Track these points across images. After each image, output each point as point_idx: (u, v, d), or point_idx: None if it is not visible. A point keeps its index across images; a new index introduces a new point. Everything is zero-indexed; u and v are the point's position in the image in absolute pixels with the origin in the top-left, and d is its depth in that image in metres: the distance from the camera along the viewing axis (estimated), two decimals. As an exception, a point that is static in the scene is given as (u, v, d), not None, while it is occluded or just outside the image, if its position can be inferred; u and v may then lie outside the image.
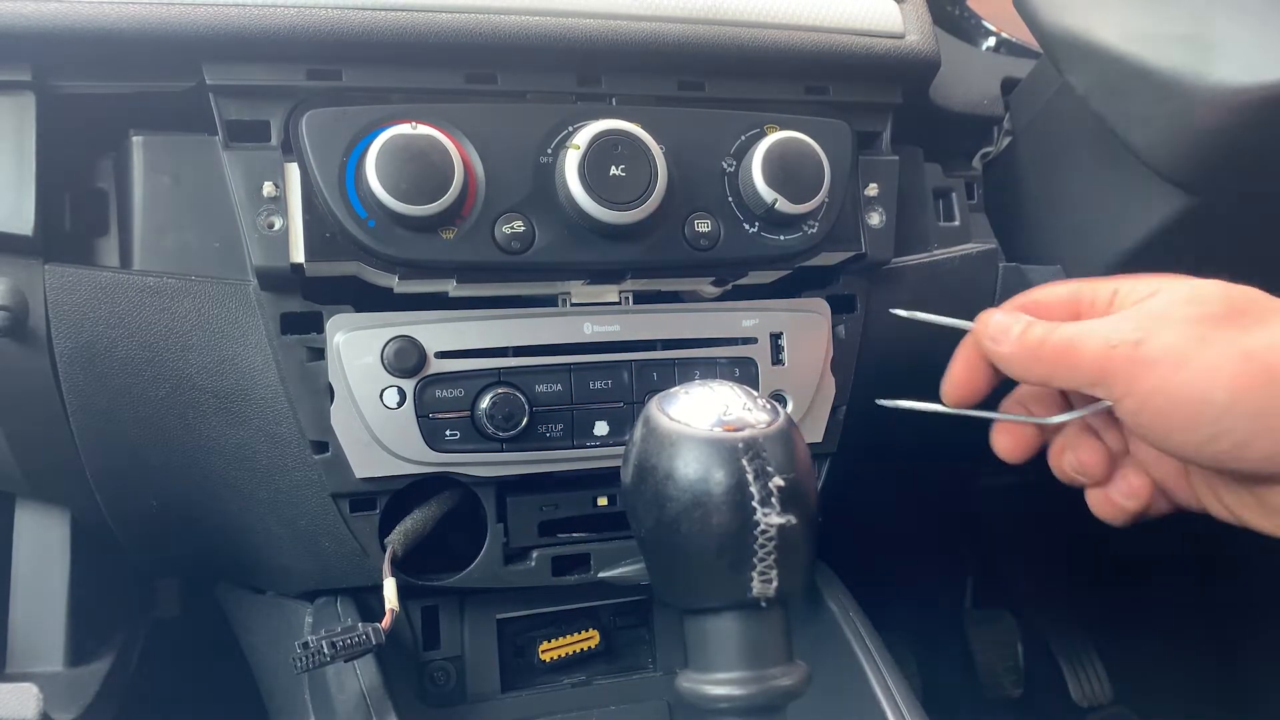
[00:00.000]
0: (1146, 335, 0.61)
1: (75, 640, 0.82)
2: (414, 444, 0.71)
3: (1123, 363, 0.61)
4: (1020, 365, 0.67)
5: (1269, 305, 0.62)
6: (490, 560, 0.77)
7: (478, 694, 0.83)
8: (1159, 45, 0.74)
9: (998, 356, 0.68)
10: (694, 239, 0.72)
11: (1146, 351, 0.61)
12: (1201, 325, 0.61)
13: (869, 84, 0.80)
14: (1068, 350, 0.64)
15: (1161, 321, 0.62)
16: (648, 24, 0.73)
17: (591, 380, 0.74)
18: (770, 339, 0.78)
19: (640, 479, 0.60)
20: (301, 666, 0.65)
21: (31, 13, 0.64)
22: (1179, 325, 0.61)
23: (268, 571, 0.80)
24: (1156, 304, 0.63)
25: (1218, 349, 0.60)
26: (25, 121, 0.66)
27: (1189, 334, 0.60)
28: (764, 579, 0.58)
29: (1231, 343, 0.59)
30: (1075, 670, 1.40)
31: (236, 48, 0.67)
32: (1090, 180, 0.86)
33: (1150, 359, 0.61)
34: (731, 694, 0.58)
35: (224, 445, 0.72)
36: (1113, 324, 0.64)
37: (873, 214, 0.80)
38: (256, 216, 0.67)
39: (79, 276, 0.68)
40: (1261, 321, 0.60)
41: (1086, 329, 0.64)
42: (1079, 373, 0.64)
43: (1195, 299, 0.62)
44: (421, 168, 0.65)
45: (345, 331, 0.70)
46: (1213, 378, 0.59)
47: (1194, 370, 0.60)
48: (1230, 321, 0.61)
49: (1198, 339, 0.60)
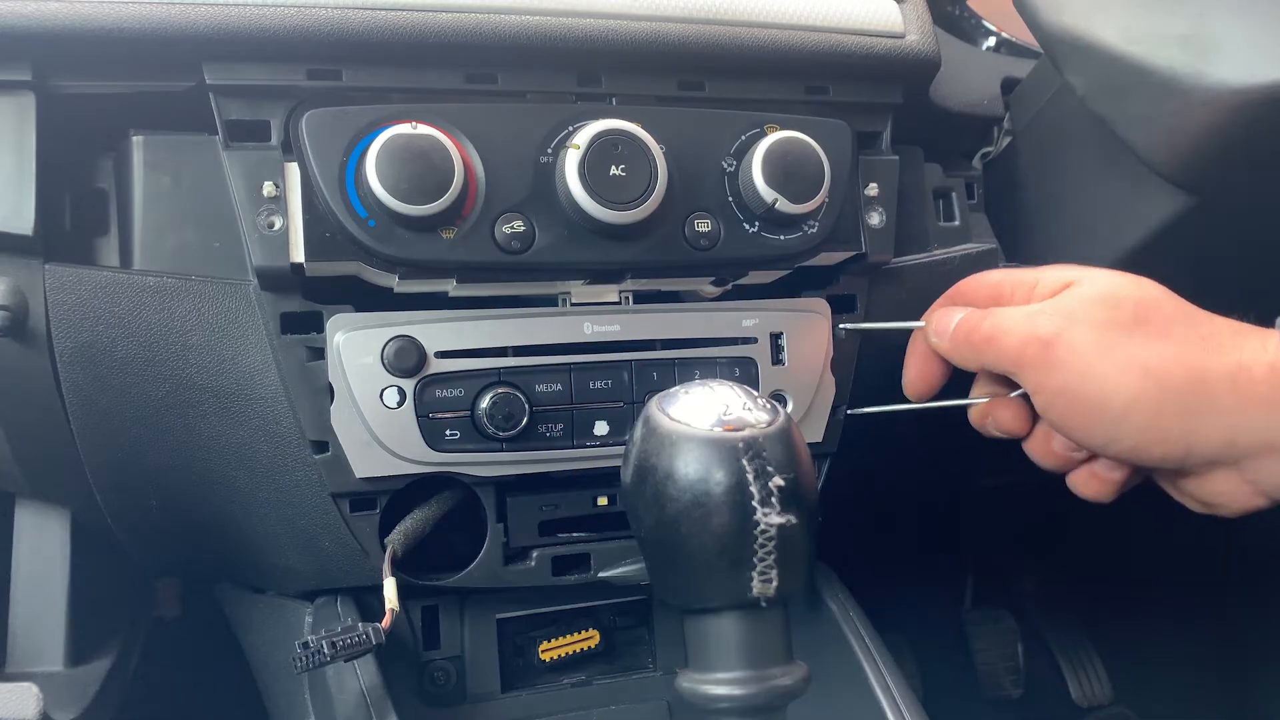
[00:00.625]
0: (1057, 335, 0.65)
1: (75, 640, 0.82)
2: (414, 444, 0.71)
3: (1034, 360, 0.66)
4: (958, 355, 0.73)
5: (1174, 312, 0.66)
6: (490, 560, 0.77)
7: (478, 694, 0.83)
8: (1158, 45, 0.74)
9: (940, 350, 0.74)
10: (694, 239, 0.72)
11: (1055, 353, 0.65)
12: (1108, 332, 0.64)
13: (869, 84, 0.80)
14: (992, 339, 0.69)
15: (1073, 322, 0.65)
16: (648, 24, 0.73)
17: (591, 380, 0.74)
18: (770, 339, 0.78)
19: (640, 479, 0.60)
20: (301, 666, 0.65)
21: (32, 12, 0.64)
22: (1088, 329, 0.65)
23: (268, 571, 0.80)
24: (1071, 300, 0.67)
25: (1119, 360, 0.64)
26: (25, 121, 0.66)
27: (1096, 341, 0.64)
28: (764, 579, 0.58)
29: (1132, 356, 0.63)
30: (1075, 670, 1.40)
31: (237, 47, 0.67)
32: (1090, 180, 0.86)
33: (1058, 360, 0.65)
34: (731, 694, 0.58)
35: (224, 445, 0.72)
36: (1031, 318, 0.68)
37: (873, 214, 0.80)
38: (256, 216, 0.67)
39: (79, 276, 0.68)
40: (1163, 333, 0.64)
41: (1009, 322, 0.69)
42: (1000, 361, 0.69)
43: (1107, 301, 0.66)
44: (421, 168, 0.65)
45: (345, 331, 0.70)
46: (1112, 388, 0.64)
47: (1095, 379, 0.64)
48: (1135, 329, 0.64)
49: (1103, 348, 0.64)
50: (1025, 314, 0.68)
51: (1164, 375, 0.63)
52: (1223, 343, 0.64)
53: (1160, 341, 0.64)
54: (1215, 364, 0.63)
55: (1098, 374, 0.64)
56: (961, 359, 0.73)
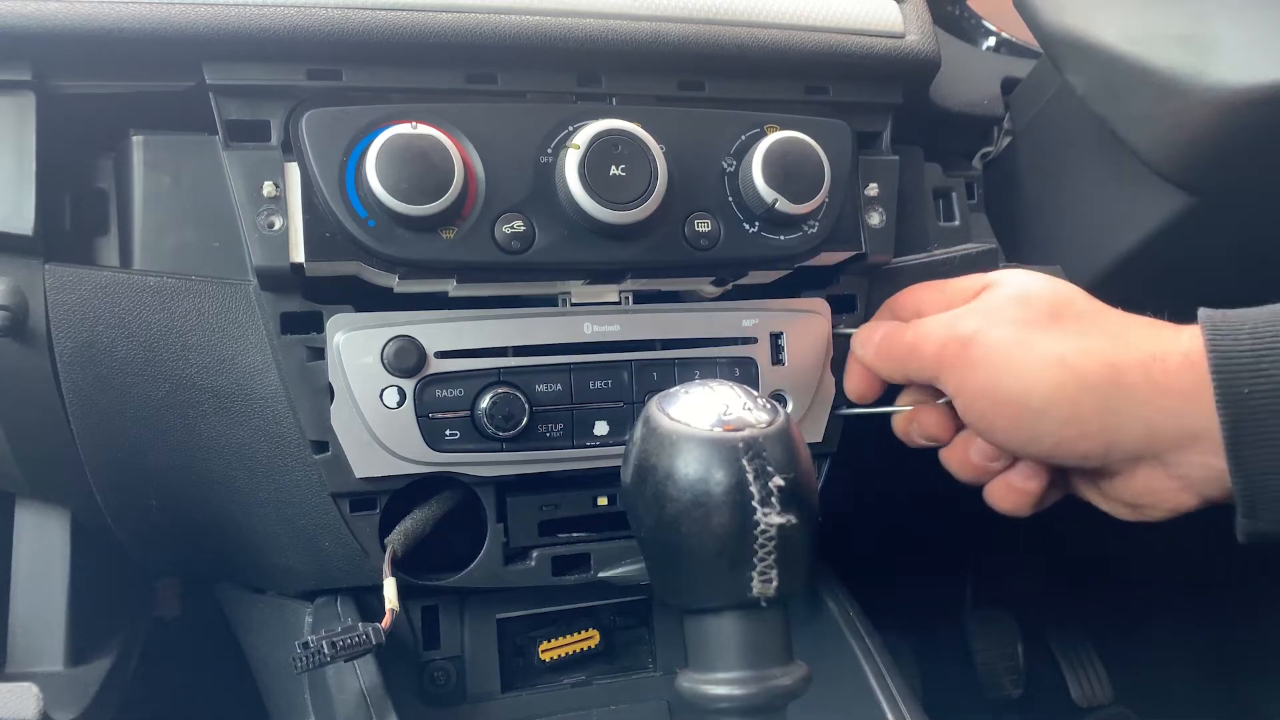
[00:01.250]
0: (974, 334, 0.66)
1: (75, 640, 0.82)
2: (414, 444, 0.71)
3: (954, 361, 0.66)
4: (883, 368, 0.74)
5: (1087, 308, 0.66)
6: (490, 560, 0.77)
7: (478, 694, 0.83)
8: (1158, 45, 0.74)
9: (867, 363, 0.75)
10: (694, 239, 0.72)
11: (973, 352, 0.65)
12: (1026, 329, 0.65)
13: (869, 84, 0.80)
14: (913, 347, 0.69)
15: (991, 321, 0.66)
16: (648, 24, 0.73)
17: (591, 380, 0.74)
18: (770, 339, 0.78)
19: (640, 479, 0.60)
20: (301, 666, 0.65)
21: (32, 12, 0.64)
22: (1005, 327, 0.65)
23: (268, 571, 0.80)
24: (988, 300, 0.68)
25: (1036, 354, 0.64)
26: (25, 121, 0.66)
27: (1013, 337, 0.65)
28: (764, 579, 0.58)
29: (1049, 349, 0.64)
30: (1075, 670, 1.40)
31: (237, 47, 0.67)
32: (1090, 180, 0.86)
33: (977, 359, 0.65)
34: (731, 694, 0.58)
35: (224, 445, 0.72)
36: (949, 322, 0.68)
37: (873, 214, 0.80)
38: (256, 216, 0.67)
39: (79, 276, 0.68)
40: (1078, 328, 0.64)
41: (928, 327, 0.69)
42: (923, 368, 0.69)
43: (1023, 299, 0.66)
44: (421, 167, 0.65)
45: (345, 331, 0.70)
46: (1030, 383, 0.64)
47: (1014, 375, 0.64)
48: (1051, 325, 0.65)
49: (1021, 344, 0.64)
50: (944, 319, 0.70)
51: (1081, 368, 0.63)
52: (1136, 335, 0.64)
53: (1075, 336, 0.64)
54: (1128, 356, 0.62)
55: (1017, 369, 0.64)
56: (886, 372, 0.75)
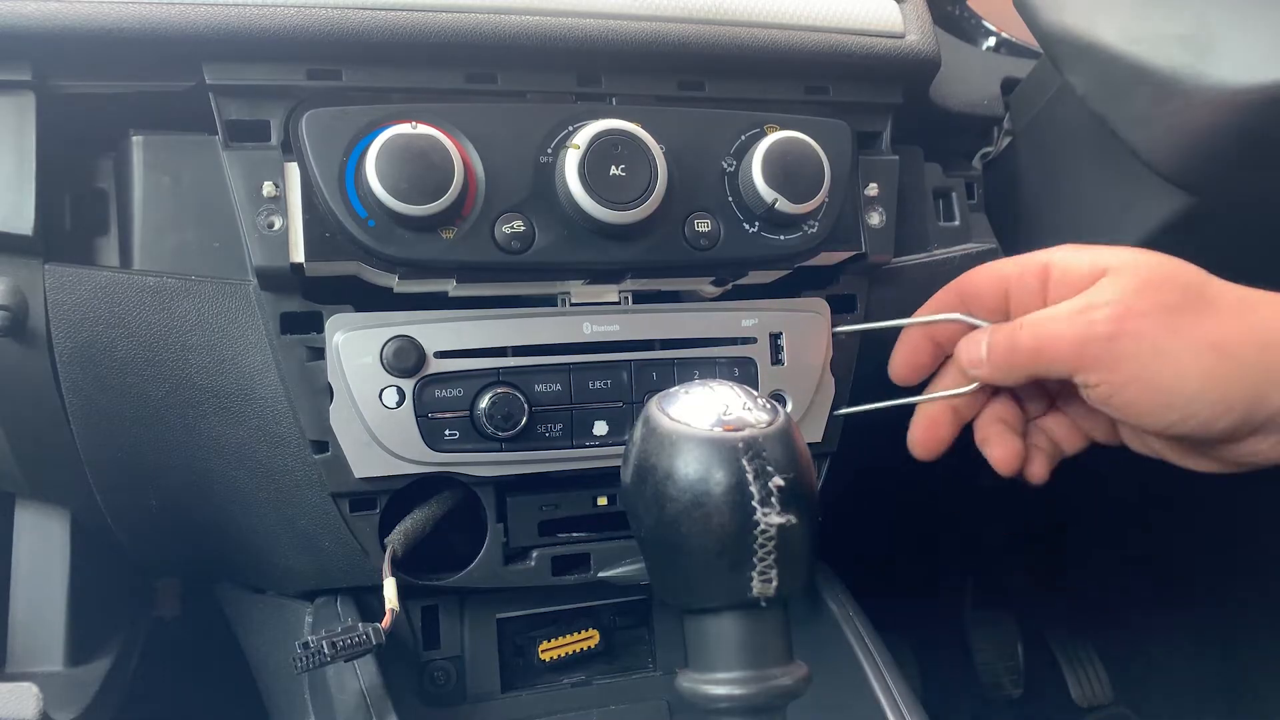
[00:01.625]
0: (1118, 330, 0.65)
1: (75, 640, 0.82)
2: (413, 444, 0.71)
3: (1098, 355, 0.65)
4: (1002, 376, 0.72)
5: (1217, 291, 0.66)
6: (490, 560, 0.77)
7: (478, 694, 0.83)
8: (1158, 45, 0.74)
9: (981, 377, 0.73)
10: (694, 239, 0.72)
11: (1120, 346, 0.65)
12: (1168, 315, 0.64)
13: (869, 84, 0.80)
14: (1038, 350, 0.68)
15: (1130, 313, 0.65)
16: (648, 24, 0.73)
17: (591, 380, 0.74)
18: (770, 339, 0.78)
19: (640, 479, 0.60)
20: (301, 666, 0.65)
21: (32, 12, 0.64)
22: (1148, 318, 0.65)
23: (268, 571, 0.80)
24: (1116, 291, 0.66)
25: (1187, 341, 0.64)
26: (25, 121, 0.66)
27: (1159, 325, 0.64)
28: (764, 579, 0.58)
29: (1200, 335, 0.64)
30: (1075, 670, 1.40)
31: (236, 47, 0.67)
32: (1090, 180, 0.86)
33: (1125, 353, 0.65)
34: (731, 694, 0.58)
35: (224, 445, 0.72)
36: (1082, 319, 0.66)
37: (873, 214, 0.80)
38: (256, 216, 0.67)
39: (79, 276, 0.68)
40: (1215, 308, 0.65)
41: (1055, 326, 0.67)
42: (1057, 366, 0.68)
43: (1152, 286, 0.66)
44: (421, 167, 0.65)
45: (344, 331, 0.70)
46: (1186, 369, 0.64)
47: (1168, 362, 0.64)
48: (1191, 309, 0.65)
49: (1169, 331, 0.64)
50: (1070, 315, 0.67)
51: (1235, 350, 0.63)
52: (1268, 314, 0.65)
53: (1220, 319, 0.64)
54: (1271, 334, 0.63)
55: (1169, 356, 0.64)
56: (1006, 378, 0.72)
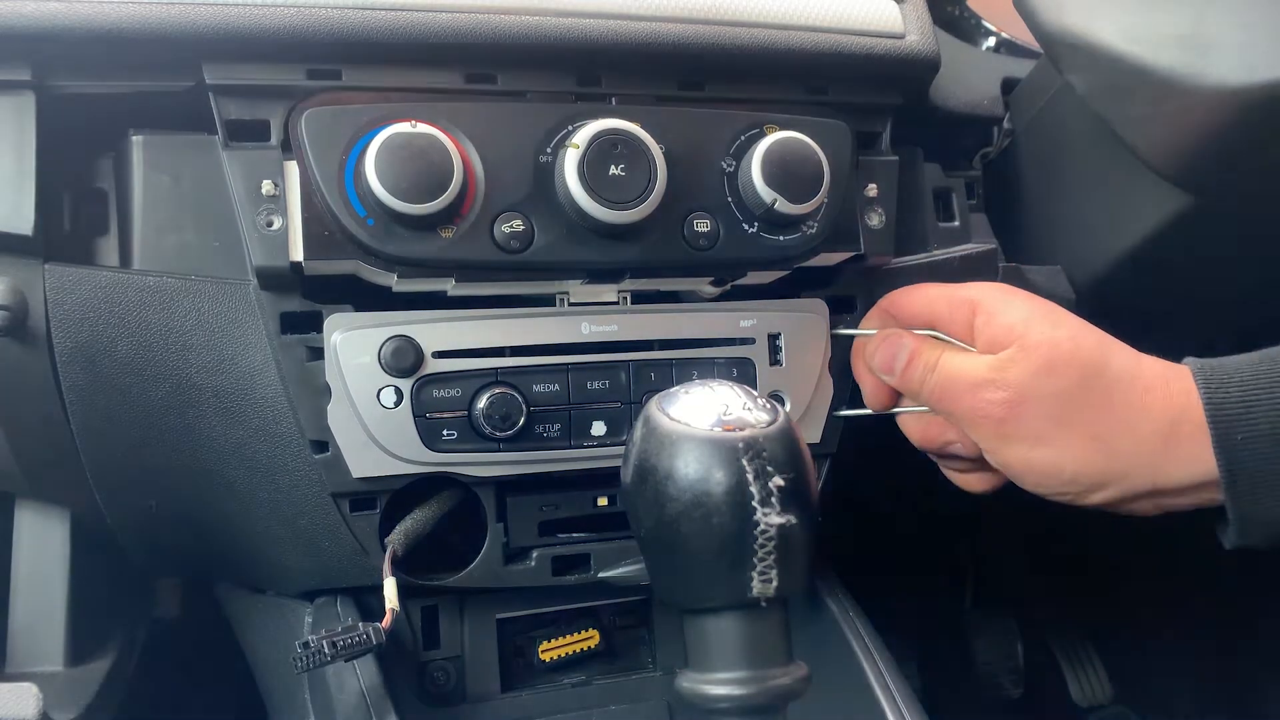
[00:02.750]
0: (1008, 415, 0.70)
1: (75, 640, 0.82)
2: (411, 444, 0.71)
3: (990, 429, 0.71)
4: (908, 394, 0.77)
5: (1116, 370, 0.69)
6: (490, 560, 0.77)
7: (478, 694, 0.83)
8: (1158, 45, 0.74)
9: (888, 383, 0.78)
10: (693, 239, 0.72)
11: (1007, 428, 0.70)
12: (1058, 404, 0.69)
13: (869, 84, 0.80)
14: (942, 397, 0.73)
15: (1023, 398, 0.69)
16: (648, 24, 0.73)
17: (589, 380, 0.74)
18: (768, 339, 0.78)
19: (640, 479, 0.60)
20: (301, 666, 0.65)
21: (31, 12, 0.64)
22: (1040, 404, 0.69)
23: (268, 571, 0.80)
24: (1014, 373, 0.70)
25: (1069, 430, 0.69)
26: (25, 121, 0.66)
27: (1047, 414, 0.69)
28: (764, 579, 0.58)
29: (1083, 427, 0.69)
30: (1075, 670, 1.40)
31: (236, 47, 0.67)
32: (1090, 180, 0.86)
33: (1011, 434, 0.70)
34: (731, 694, 0.58)
35: (224, 445, 0.72)
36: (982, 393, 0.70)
37: (872, 214, 0.80)
38: (256, 215, 0.67)
39: (79, 276, 0.68)
40: (1107, 394, 0.68)
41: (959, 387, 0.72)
42: (954, 416, 0.73)
43: (1051, 369, 0.69)
44: (421, 166, 0.65)
45: (342, 331, 0.70)
46: (1063, 455, 0.69)
47: (1048, 449, 0.69)
48: (1081, 396, 0.69)
49: (1054, 421, 0.69)
50: (972, 387, 0.71)
51: (1111, 442, 0.68)
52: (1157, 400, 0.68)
53: (1107, 407, 0.68)
54: (1148, 426, 0.67)
55: (1050, 445, 0.69)
56: (911, 397, 0.77)
